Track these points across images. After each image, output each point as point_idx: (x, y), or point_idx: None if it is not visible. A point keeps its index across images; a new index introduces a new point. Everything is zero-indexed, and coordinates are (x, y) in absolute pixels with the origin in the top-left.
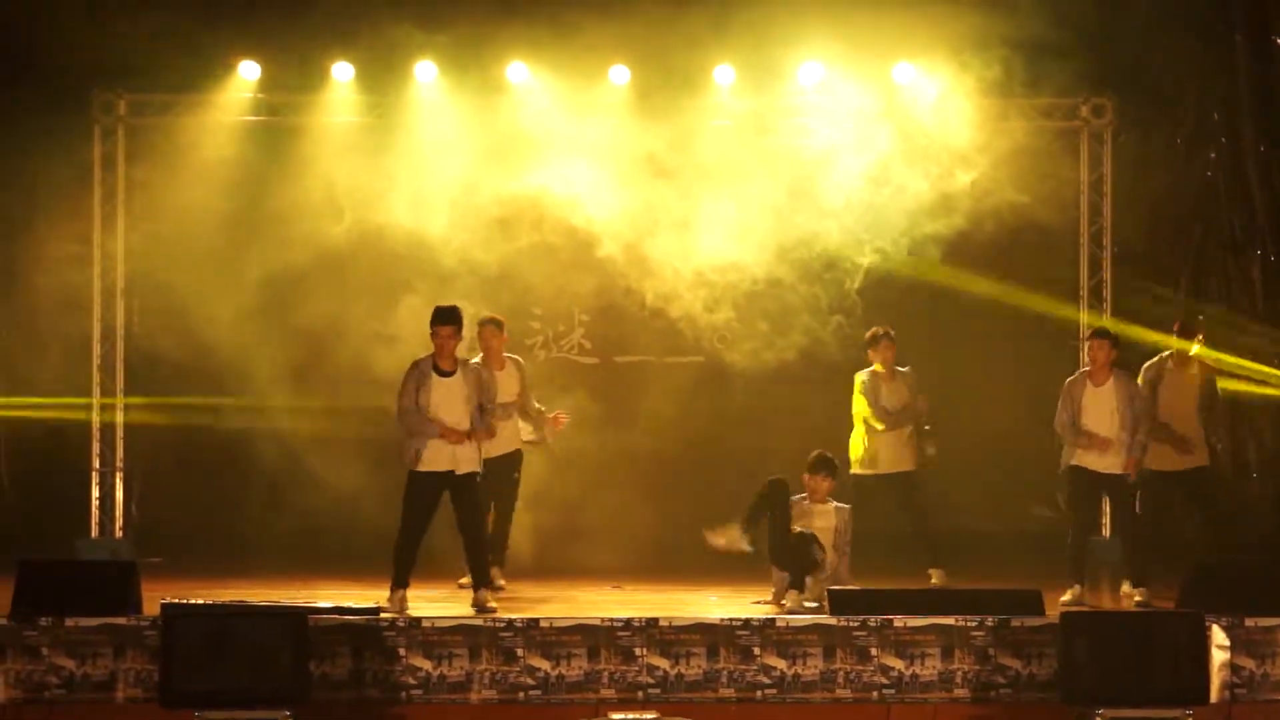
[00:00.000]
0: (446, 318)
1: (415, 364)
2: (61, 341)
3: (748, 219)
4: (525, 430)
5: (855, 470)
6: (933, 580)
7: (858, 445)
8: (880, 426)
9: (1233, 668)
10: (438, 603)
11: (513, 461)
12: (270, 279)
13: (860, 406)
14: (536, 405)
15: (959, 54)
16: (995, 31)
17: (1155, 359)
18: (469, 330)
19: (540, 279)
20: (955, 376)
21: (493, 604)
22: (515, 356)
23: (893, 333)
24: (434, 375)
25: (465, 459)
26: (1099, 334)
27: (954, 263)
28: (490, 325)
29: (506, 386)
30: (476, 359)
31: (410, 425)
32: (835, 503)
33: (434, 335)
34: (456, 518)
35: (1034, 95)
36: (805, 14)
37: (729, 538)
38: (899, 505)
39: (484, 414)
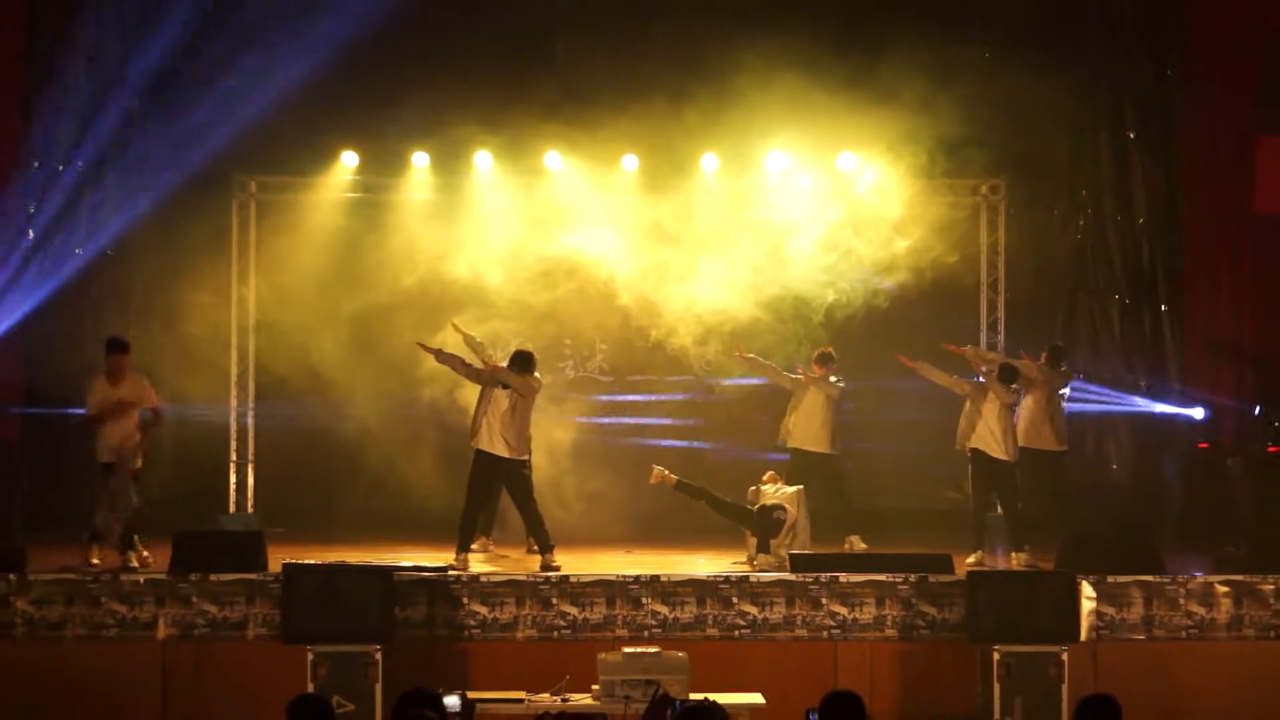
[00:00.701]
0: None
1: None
2: (208, 367)
3: (732, 273)
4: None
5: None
6: (848, 545)
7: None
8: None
9: (1098, 614)
10: (495, 562)
11: None
12: (364, 318)
13: None
14: None
15: (893, 146)
16: (920, 129)
17: (1031, 365)
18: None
19: (571, 317)
20: (887, 388)
21: (557, 563)
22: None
23: (833, 353)
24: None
25: (511, 445)
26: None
27: (891, 303)
28: None
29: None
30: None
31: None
32: (787, 488)
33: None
34: (510, 497)
35: (947, 177)
36: (772, 115)
37: (661, 474)
38: (818, 481)
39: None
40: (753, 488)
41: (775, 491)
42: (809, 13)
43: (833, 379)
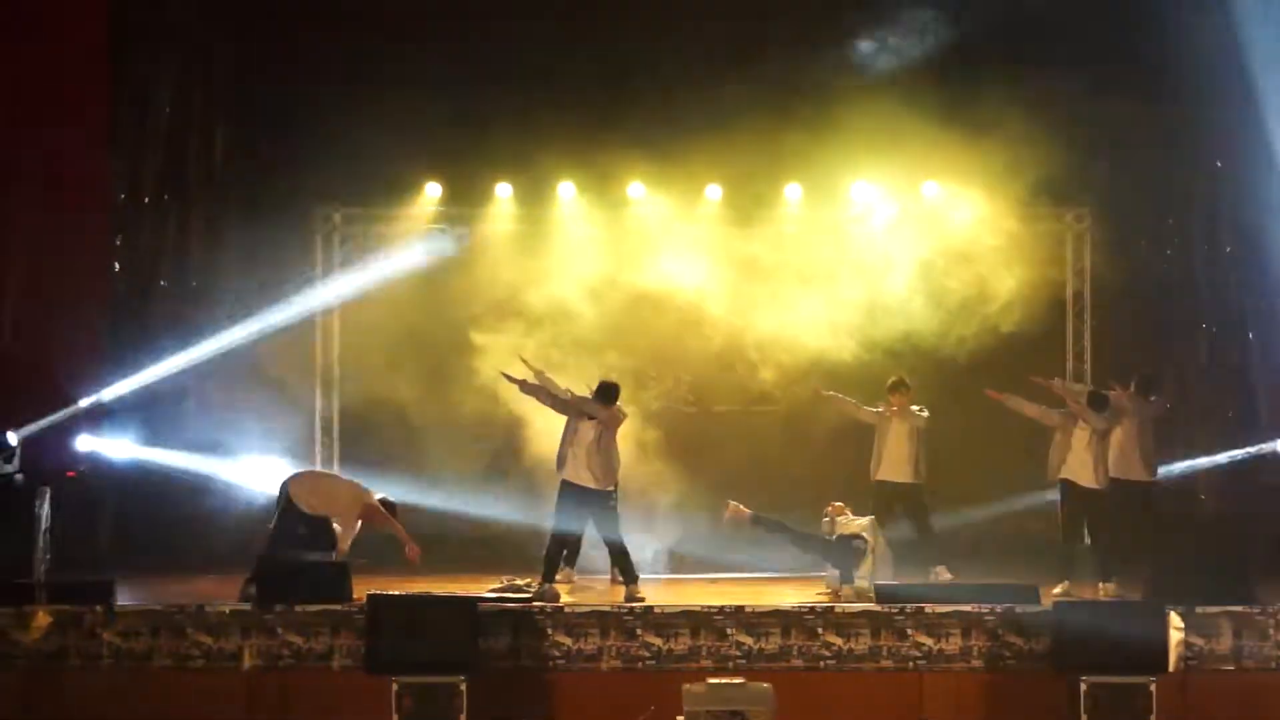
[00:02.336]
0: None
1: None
2: (291, 397)
3: (817, 305)
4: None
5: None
6: (933, 576)
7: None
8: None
9: (1186, 645)
10: (579, 593)
11: None
12: (447, 348)
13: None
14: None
15: (979, 176)
16: (1005, 159)
17: (1121, 394)
18: None
19: (655, 348)
20: (980, 418)
21: (641, 595)
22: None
23: (906, 380)
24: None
25: (596, 477)
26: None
27: (977, 334)
28: None
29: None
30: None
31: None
32: (860, 518)
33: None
34: (596, 528)
35: (1032, 207)
36: (857, 145)
37: (736, 510)
38: (902, 511)
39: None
40: (825, 519)
41: (848, 523)
42: (897, 40)
43: (915, 408)
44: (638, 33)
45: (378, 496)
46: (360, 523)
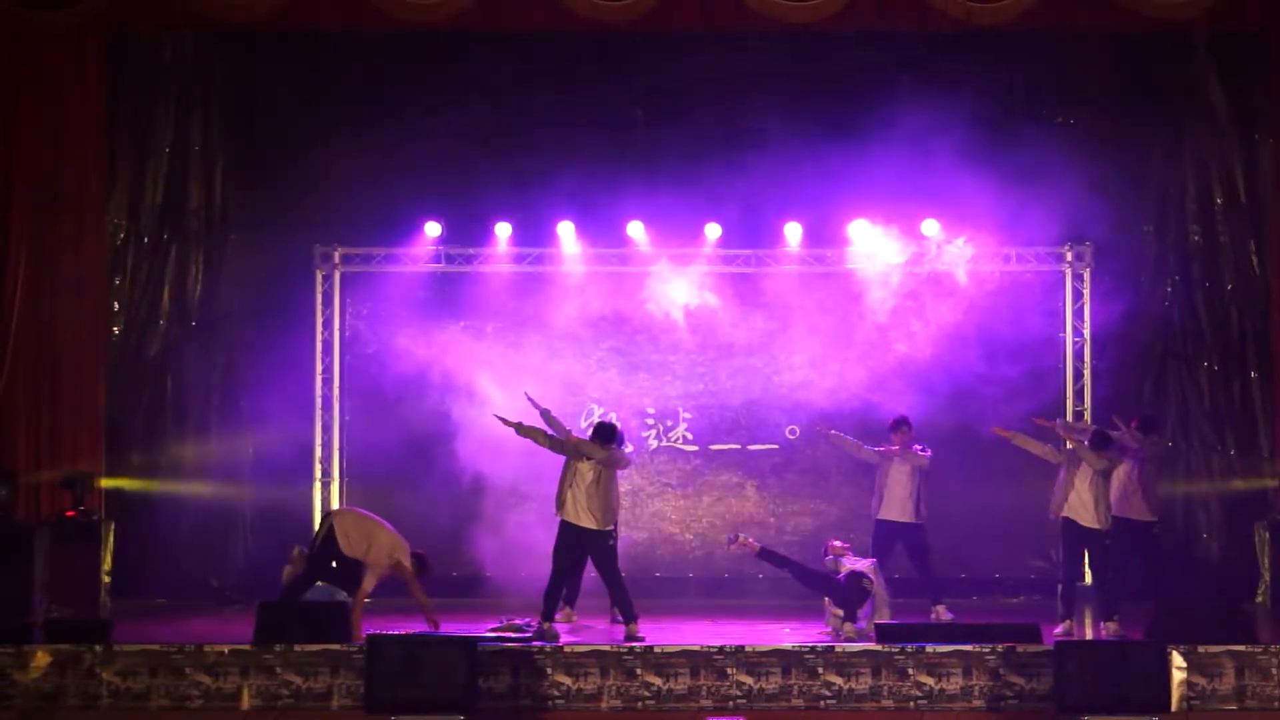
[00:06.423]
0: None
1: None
2: (292, 438)
3: (816, 343)
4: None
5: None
6: (934, 615)
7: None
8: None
9: (1189, 685)
10: (579, 632)
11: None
12: (448, 388)
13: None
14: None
15: (979, 213)
16: (1005, 196)
17: (1123, 433)
18: None
19: (654, 387)
20: (975, 458)
21: (641, 634)
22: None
23: (908, 419)
24: (584, 460)
25: (595, 517)
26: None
27: (977, 372)
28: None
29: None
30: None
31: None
32: (862, 560)
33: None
34: (595, 568)
35: (1032, 245)
36: (854, 182)
37: (744, 541)
38: (904, 550)
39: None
40: (828, 558)
41: (854, 563)
42: (897, 81)
43: (917, 448)
44: (638, 73)
45: (413, 551)
46: (388, 574)
